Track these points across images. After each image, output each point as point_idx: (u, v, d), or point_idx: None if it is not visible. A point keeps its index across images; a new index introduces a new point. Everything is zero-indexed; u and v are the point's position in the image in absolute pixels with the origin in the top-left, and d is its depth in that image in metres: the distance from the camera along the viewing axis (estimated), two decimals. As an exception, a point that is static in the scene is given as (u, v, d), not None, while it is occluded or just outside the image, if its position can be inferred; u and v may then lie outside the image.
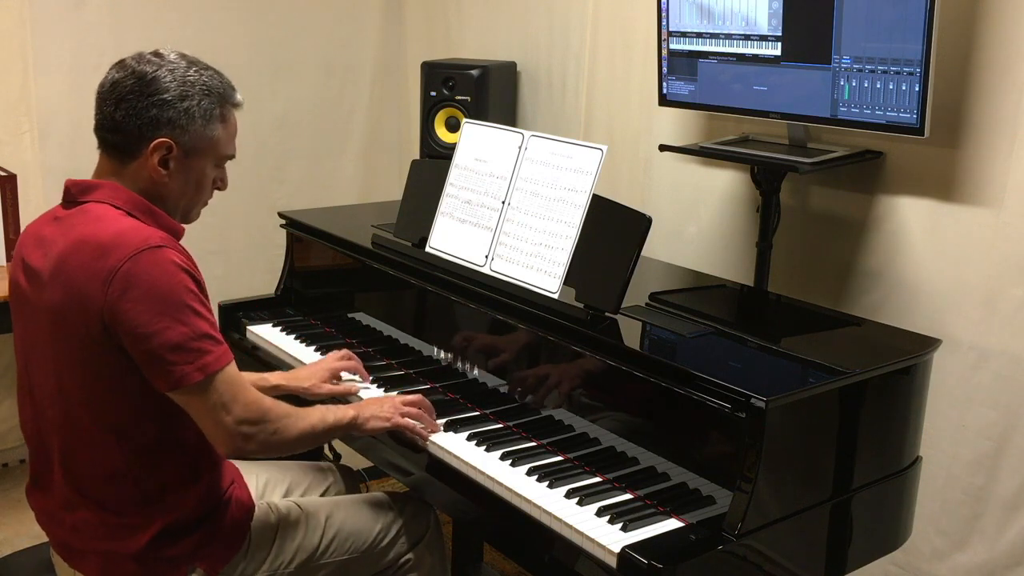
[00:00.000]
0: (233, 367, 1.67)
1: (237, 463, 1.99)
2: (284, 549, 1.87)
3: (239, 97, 1.81)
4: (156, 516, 1.71)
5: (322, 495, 2.16)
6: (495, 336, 2.11)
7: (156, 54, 1.73)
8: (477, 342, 2.15)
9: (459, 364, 2.18)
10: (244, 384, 1.69)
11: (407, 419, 1.94)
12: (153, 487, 1.71)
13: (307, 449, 1.88)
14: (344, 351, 2.22)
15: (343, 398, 2.12)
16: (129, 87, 1.68)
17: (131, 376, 1.64)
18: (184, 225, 1.80)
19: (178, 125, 1.69)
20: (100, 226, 1.64)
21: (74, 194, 1.72)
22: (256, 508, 1.88)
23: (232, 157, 1.83)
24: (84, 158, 3.46)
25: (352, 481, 2.26)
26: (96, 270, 1.59)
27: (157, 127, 1.68)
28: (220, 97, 1.75)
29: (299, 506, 1.95)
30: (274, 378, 2.12)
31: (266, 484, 2.09)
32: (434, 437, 1.95)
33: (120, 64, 1.72)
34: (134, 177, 1.71)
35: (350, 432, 1.91)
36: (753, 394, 1.59)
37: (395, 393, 2.09)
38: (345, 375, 2.19)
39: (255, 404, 1.70)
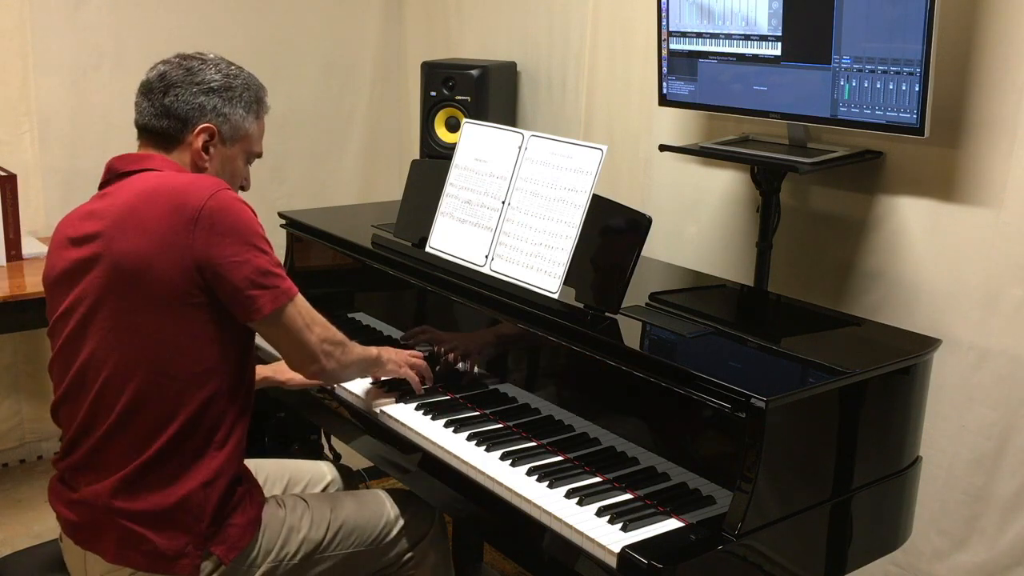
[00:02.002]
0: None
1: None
2: (290, 541, 1.88)
3: (268, 100, 1.96)
4: (199, 465, 1.74)
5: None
6: (495, 336, 2.11)
7: (199, 53, 1.88)
8: (477, 342, 2.15)
9: (459, 364, 2.18)
10: (312, 308, 1.83)
11: (413, 372, 2.09)
12: (202, 436, 1.75)
13: (353, 378, 2.04)
14: None
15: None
16: (179, 76, 1.82)
17: (210, 316, 1.71)
18: None
19: (221, 113, 1.84)
20: (165, 177, 1.76)
21: (118, 167, 1.81)
22: (265, 503, 1.90)
23: (259, 155, 1.96)
24: (84, 158, 3.49)
25: (351, 481, 2.26)
26: (179, 212, 1.68)
27: (203, 113, 1.82)
28: (256, 95, 1.91)
29: (304, 500, 1.97)
30: (259, 371, 2.15)
31: (265, 481, 2.09)
32: (434, 437, 1.95)
33: (165, 61, 1.86)
34: (177, 163, 1.83)
35: (372, 368, 2.04)
36: (753, 394, 1.59)
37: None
38: None
39: (330, 326, 1.86)
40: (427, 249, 2.26)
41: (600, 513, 1.67)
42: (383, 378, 2.13)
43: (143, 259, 1.68)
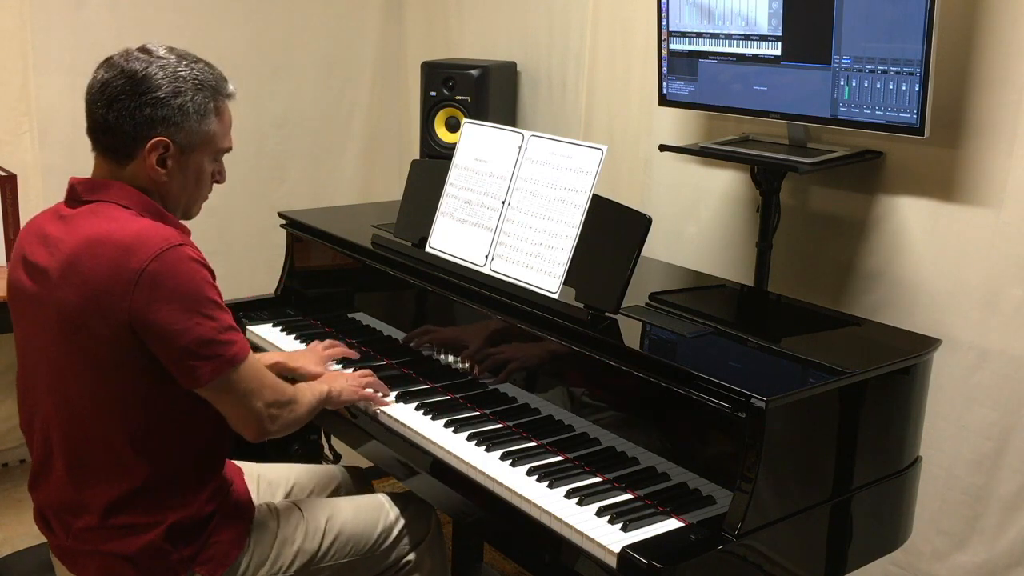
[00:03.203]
0: (253, 354, 1.71)
1: (240, 463, 1.99)
2: (283, 553, 1.86)
3: (231, 88, 1.78)
4: (160, 519, 1.70)
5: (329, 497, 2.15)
6: (495, 336, 2.11)
7: (144, 50, 1.69)
8: (477, 342, 2.15)
9: (459, 364, 2.18)
10: (264, 368, 1.75)
11: (368, 390, 2.05)
12: (161, 489, 1.71)
13: (302, 425, 1.91)
14: (328, 340, 2.28)
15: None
16: (120, 87, 1.65)
17: (144, 378, 1.64)
18: (187, 223, 1.80)
19: (173, 123, 1.67)
20: (115, 225, 1.63)
21: (80, 193, 1.70)
22: (256, 511, 1.88)
23: (229, 150, 1.81)
24: (84, 158, 3.47)
25: (360, 480, 2.25)
26: (119, 271, 1.58)
27: (152, 126, 1.66)
28: (213, 90, 1.73)
29: (299, 508, 1.94)
30: (271, 357, 2.19)
31: (270, 486, 2.08)
32: (435, 437, 1.95)
33: (108, 63, 1.69)
34: (133, 177, 1.70)
35: (327, 405, 1.97)
36: (753, 394, 1.59)
37: (351, 371, 2.16)
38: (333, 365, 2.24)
39: (277, 386, 1.77)
40: (427, 249, 2.26)
41: (600, 513, 1.67)
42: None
43: (80, 314, 1.60)
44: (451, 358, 2.21)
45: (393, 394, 2.12)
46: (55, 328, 1.65)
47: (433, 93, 3.21)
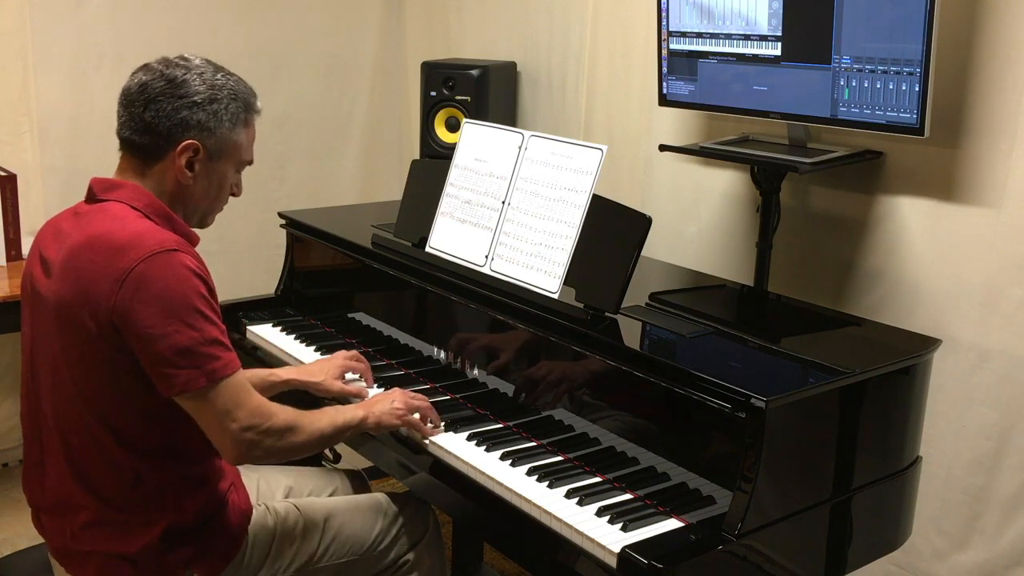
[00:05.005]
0: (241, 375, 1.66)
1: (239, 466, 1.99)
2: (282, 553, 1.86)
3: (259, 104, 1.83)
4: (157, 518, 1.70)
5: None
6: (495, 336, 2.11)
7: (182, 58, 1.75)
8: (477, 342, 2.15)
9: (459, 364, 2.18)
10: (250, 391, 1.68)
11: (415, 417, 1.95)
12: (155, 488, 1.70)
13: (318, 451, 1.85)
14: (354, 352, 2.23)
15: (350, 398, 2.11)
16: (160, 89, 1.70)
17: (131, 378, 1.63)
18: (198, 231, 1.81)
19: (206, 127, 1.71)
20: (116, 225, 1.65)
21: (96, 192, 1.73)
22: (254, 512, 1.87)
23: (250, 163, 1.85)
24: (84, 158, 3.49)
25: (358, 483, 2.25)
26: (109, 269, 1.59)
27: (186, 129, 1.70)
28: (245, 102, 1.78)
29: (297, 508, 1.94)
30: (284, 373, 2.14)
31: (267, 487, 2.08)
32: (434, 437, 1.95)
33: (146, 67, 1.74)
34: (158, 179, 1.73)
35: (360, 433, 1.90)
36: (753, 394, 1.59)
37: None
38: (351, 375, 2.18)
39: (260, 410, 1.68)
40: (427, 249, 2.26)
41: (600, 513, 1.67)
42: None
43: (71, 308, 1.62)
44: (450, 358, 2.21)
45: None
46: (54, 321, 1.66)
47: (433, 93, 3.21)
